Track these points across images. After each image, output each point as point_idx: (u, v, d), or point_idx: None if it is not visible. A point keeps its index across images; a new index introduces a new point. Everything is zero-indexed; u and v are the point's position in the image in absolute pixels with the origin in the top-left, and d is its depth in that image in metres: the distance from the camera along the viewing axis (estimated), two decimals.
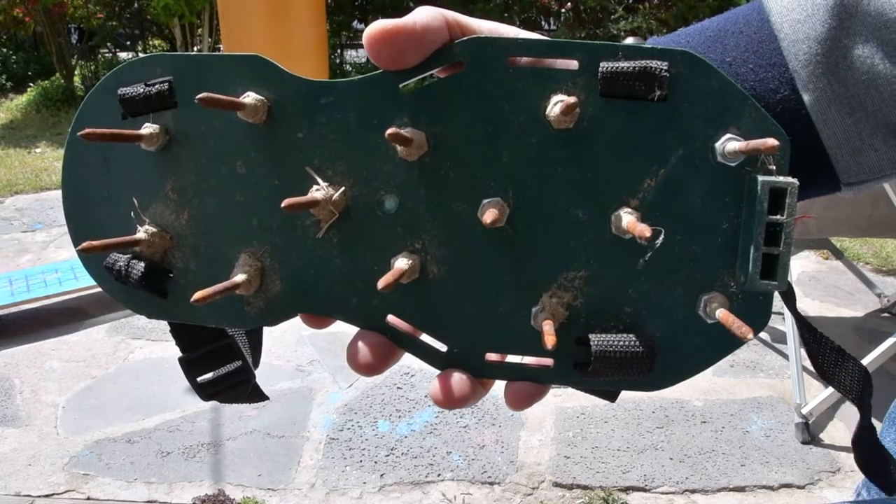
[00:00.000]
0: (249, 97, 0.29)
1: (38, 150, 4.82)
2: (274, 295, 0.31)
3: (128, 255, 0.31)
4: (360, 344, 0.30)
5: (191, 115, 0.29)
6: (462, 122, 0.29)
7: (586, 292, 0.29)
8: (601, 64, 0.27)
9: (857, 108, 0.29)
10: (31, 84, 6.51)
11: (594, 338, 0.28)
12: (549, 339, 0.26)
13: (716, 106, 0.27)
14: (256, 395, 0.37)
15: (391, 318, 0.30)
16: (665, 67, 0.27)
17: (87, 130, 0.28)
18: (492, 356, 0.30)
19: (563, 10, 6.24)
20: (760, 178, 0.27)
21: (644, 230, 0.25)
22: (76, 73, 6.28)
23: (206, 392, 0.35)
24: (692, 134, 0.28)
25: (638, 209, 0.28)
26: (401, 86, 0.29)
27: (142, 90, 0.30)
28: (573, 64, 0.28)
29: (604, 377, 0.28)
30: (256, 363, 0.37)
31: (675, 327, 0.29)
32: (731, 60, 0.31)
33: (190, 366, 0.35)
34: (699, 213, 0.28)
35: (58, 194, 3.89)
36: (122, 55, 7.71)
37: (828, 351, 0.34)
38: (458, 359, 0.30)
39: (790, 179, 0.27)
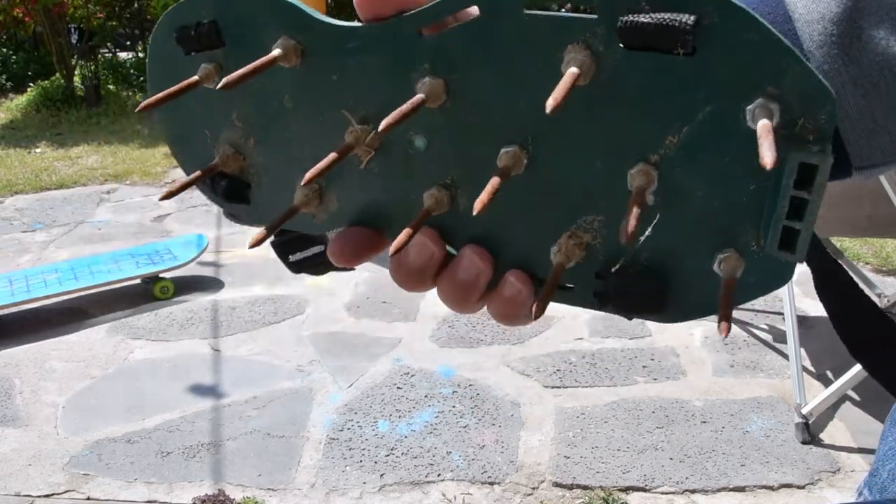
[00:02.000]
0: (278, 49, 0.31)
1: (38, 150, 4.82)
2: (334, 211, 0.34)
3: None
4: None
5: (237, 53, 0.32)
6: (479, 71, 0.29)
7: (605, 234, 0.30)
8: (620, 18, 0.26)
9: (871, 90, 0.29)
10: (31, 84, 6.51)
11: (612, 280, 0.29)
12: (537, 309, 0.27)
13: (752, 61, 0.25)
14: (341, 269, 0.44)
15: None
16: (691, 23, 0.25)
17: (144, 103, 0.30)
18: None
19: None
20: (792, 151, 0.26)
21: (626, 230, 0.25)
22: (76, 73, 6.27)
23: (295, 268, 0.42)
24: (723, 92, 0.26)
25: (658, 165, 0.28)
26: (417, 32, 0.29)
27: (193, 32, 0.33)
28: (592, 13, 0.27)
29: (620, 311, 0.30)
30: None
31: (691, 275, 0.29)
32: None
33: (282, 248, 0.42)
34: (724, 173, 0.27)
35: (58, 194, 3.89)
36: (122, 55, 7.71)
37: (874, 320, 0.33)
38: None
39: (825, 155, 0.25)
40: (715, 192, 0.28)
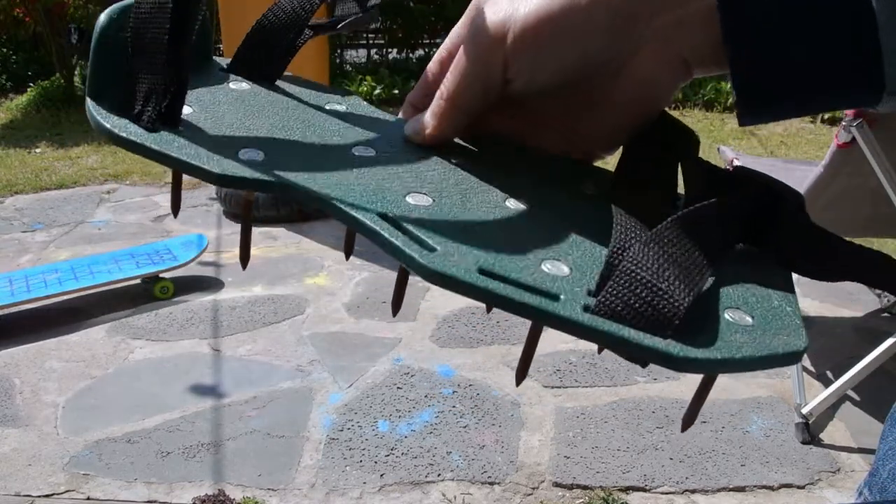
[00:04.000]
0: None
1: (38, 150, 4.81)
2: None
3: None
4: None
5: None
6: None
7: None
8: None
9: None
10: (31, 84, 6.51)
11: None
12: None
13: None
14: None
15: None
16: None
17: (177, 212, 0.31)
18: None
19: None
20: None
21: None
22: (76, 73, 6.27)
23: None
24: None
25: None
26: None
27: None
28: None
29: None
30: None
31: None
32: None
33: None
34: None
35: (58, 194, 3.89)
36: None
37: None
38: None
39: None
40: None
